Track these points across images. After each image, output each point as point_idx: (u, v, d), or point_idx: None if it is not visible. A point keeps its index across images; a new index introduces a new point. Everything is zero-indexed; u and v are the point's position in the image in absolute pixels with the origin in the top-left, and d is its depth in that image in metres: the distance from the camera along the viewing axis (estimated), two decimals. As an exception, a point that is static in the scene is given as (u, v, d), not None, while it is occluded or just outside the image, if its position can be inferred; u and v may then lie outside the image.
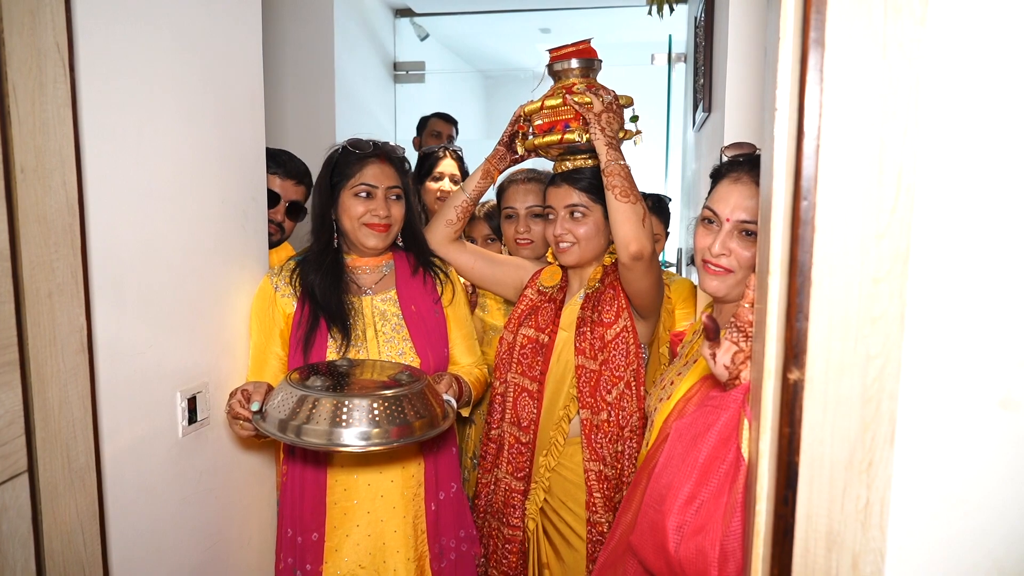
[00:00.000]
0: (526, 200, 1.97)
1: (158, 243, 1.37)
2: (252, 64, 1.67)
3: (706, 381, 1.11)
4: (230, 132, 1.59)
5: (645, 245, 1.53)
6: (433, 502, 1.68)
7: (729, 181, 1.22)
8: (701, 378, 1.15)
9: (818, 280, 0.70)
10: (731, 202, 1.19)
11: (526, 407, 1.70)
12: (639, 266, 1.55)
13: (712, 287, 1.23)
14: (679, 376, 1.22)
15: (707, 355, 0.98)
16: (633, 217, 1.52)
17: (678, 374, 1.24)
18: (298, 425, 1.32)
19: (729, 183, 1.21)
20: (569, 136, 1.63)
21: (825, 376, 0.71)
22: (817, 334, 0.71)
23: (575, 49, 1.74)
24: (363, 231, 1.66)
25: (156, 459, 1.39)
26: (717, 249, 1.19)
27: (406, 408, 1.36)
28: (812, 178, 0.70)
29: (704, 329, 0.97)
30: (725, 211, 1.19)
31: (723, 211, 1.20)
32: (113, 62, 1.23)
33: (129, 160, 1.28)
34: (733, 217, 1.18)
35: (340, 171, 1.66)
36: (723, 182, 1.23)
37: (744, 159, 1.24)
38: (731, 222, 1.19)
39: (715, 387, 1.00)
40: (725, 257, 1.19)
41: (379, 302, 1.69)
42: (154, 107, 1.34)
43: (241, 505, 1.69)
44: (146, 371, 1.35)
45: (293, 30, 3.58)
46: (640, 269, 1.56)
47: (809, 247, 0.70)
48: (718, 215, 1.20)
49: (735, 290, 1.21)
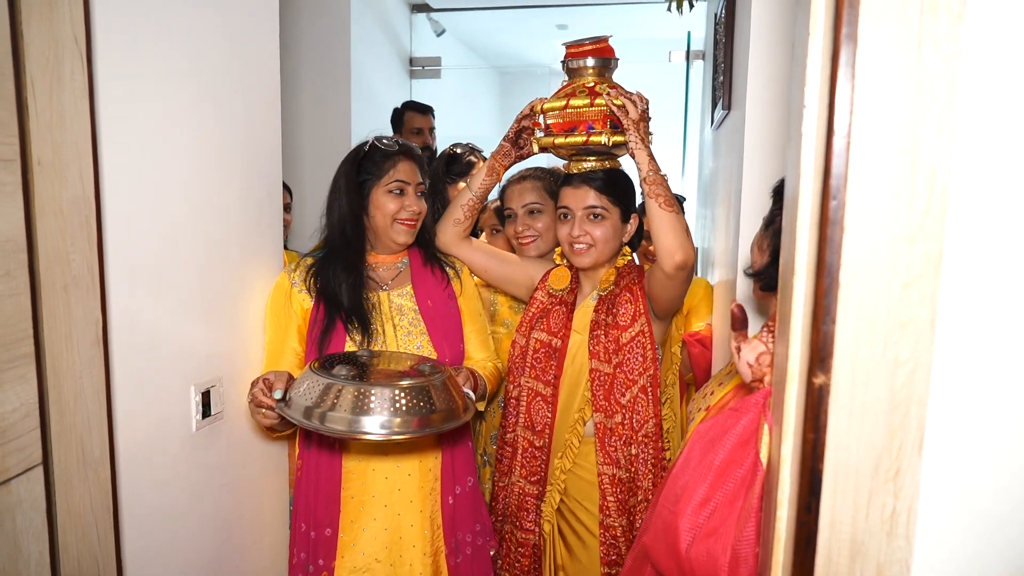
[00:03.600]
0: (523, 199, 1.95)
1: (174, 237, 1.37)
2: (269, 59, 1.66)
3: (741, 388, 1.08)
4: (247, 127, 1.59)
5: (690, 254, 1.52)
6: (450, 496, 1.67)
7: None
8: (737, 385, 1.13)
9: (846, 282, 0.68)
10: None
11: (540, 411, 1.69)
12: (682, 275, 1.54)
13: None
14: (720, 386, 1.19)
15: (732, 347, 0.96)
16: (678, 226, 1.51)
17: (719, 384, 1.21)
18: (323, 412, 1.33)
19: None
20: (595, 139, 1.61)
21: (852, 381, 0.70)
22: (844, 338, 0.69)
23: (593, 47, 1.71)
24: (396, 227, 1.66)
25: (169, 453, 1.39)
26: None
27: (429, 398, 1.36)
28: (842, 177, 0.68)
29: (731, 318, 0.95)
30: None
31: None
32: (130, 55, 1.23)
33: (146, 153, 1.28)
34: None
35: (369, 168, 1.66)
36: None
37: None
38: None
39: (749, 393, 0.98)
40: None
41: (396, 297, 1.69)
42: (171, 101, 1.34)
43: (254, 500, 1.69)
44: (161, 364, 1.35)
45: (309, 25, 3.57)
46: (682, 278, 1.55)
47: (838, 248, 0.68)
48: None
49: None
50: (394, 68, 4.30)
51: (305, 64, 3.59)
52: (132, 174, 1.24)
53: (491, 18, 4.83)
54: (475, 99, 5.69)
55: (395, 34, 4.28)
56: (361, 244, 1.67)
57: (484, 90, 6.06)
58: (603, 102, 1.60)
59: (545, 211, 1.95)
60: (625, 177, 1.73)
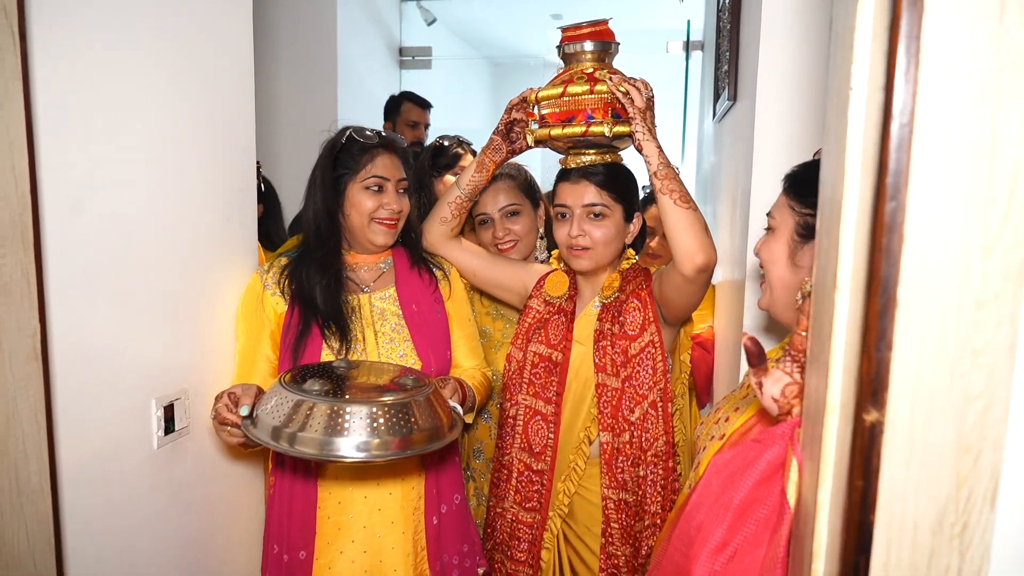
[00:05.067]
0: (497, 201, 1.81)
1: (131, 236, 1.24)
2: (241, 41, 1.53)
3: (764, 416, 0.96)
4: (215, 116, 1.46)
5: (712, 255, 1.38)
6: (435, 516, 1.55)
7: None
8: (758, 411, 1.00)
9: (906, 301, 0.57)
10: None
11: (539, 431, 1.56)
12: (703, 278, 1.39)
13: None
14: (736, 412, 1.06)
15: (753, 384, 0.84)
16: (697, 224, 1.36)
17: (735, 409, 1.07)
18: (293, 432, 1.20)
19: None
20: (596, 129, 1.47)
21: (911, 419, 0.58)
22: (903, 367, 0.57)
23: (591, 30, 1.58)
24: (373, 227, 1.53)
25: (127, 473, 1.27)
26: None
27: (412, 416, 1.24)
28: (902, 174, 0.56)
29: (746, 353, 0.83)
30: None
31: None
32: (75, 32, 1.09)
33: (95, 143, 1.15)
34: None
35: (345, 162, 1.53)
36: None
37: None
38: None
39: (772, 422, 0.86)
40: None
41: (378, 300, 1.56)
42: (127, 85, 1.21)
43: (225, 519, 1.56)
44: (115, 378, 1.22)
45: (294, 13, 3.43)
46: (703, 281, 1.41)
47: (896, 260, 0.56)
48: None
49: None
50: (383, 58, 4.16)
51: (289, 53, 3.44)
52: (78, 166, 1.11)
53: (484, 7, 4.70)
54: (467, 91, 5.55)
55: (384, 23, 4.13)
56: (337, 243, 1.55)
57: (476, 82, 5.91)
58: (604, 88, 1.47)
59: (523, 212, 1.83)
60: (628, 172, 1.60)
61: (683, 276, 1.37)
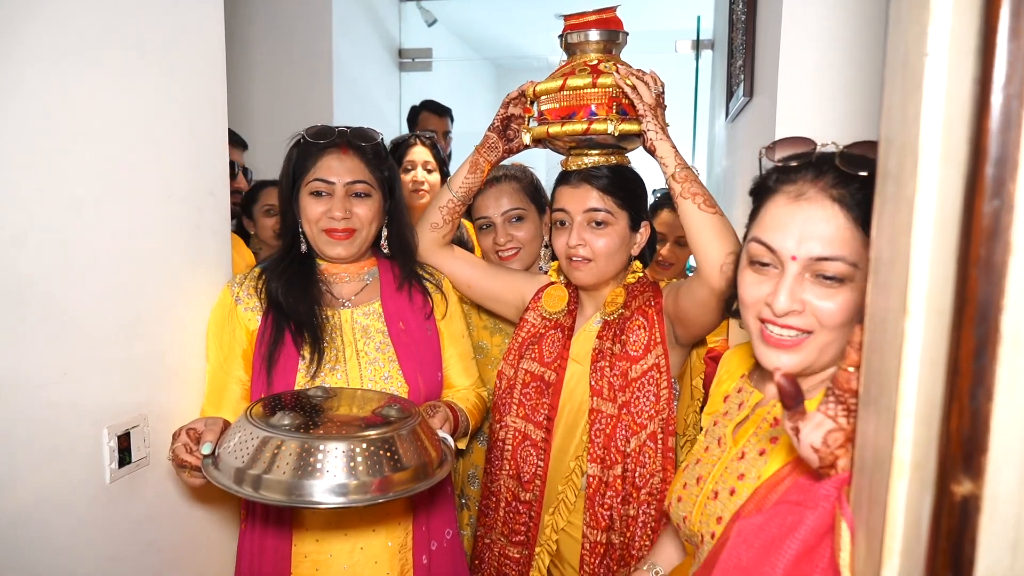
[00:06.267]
0: (500, 204, 1.67)
1: (75, 249, 1.10)
2: (211, 27, 1.40)
3: (800, 465, 0.78)
4: (179, 113, 1.32)
5: None
6: (424, 554, 1.40)
7: (787, 199, 0.84)
8: (793, 460, 0.81)
9: (1013, 334, 0.42)
10: (795, 231, 0.81)
11: (528, 458, 1.40)
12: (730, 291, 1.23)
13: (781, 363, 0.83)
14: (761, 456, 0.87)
15: (788, 429, 0.68)
16: (726, 230, 1.20)
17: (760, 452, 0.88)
18: (257, 475, 1.05)
19: (787, 202, 0.83)
20: (599, 127, 1.32)
21: (1020, 493, 0.43)
22: (1008, 424, 0.43)
23: (597, 18, 1.44)
24: (321, 237, 1.39)
25: (74, 512, 1.13)
26: (783, 303, 0.81)
27: (395, 452, 1.09)
28: (1008, 163, 0.41)
29: (780, 394, 0.67)
30: (787, 245, 0.82)
31: (784, 245, 0.82)
32: (12, 27, 0.96)
33: (30, 143, 1.01)
34: (802, 253, 0.81)
35: (299, 164, 1.39)
36: (776, 200, 0.85)
37: (803, 163, 0.85)
38: (800, 260, 0.81)
39: (812, 475, 0.70)
40: (797, 315, 0.82)
41: (360, 316, 1.41)
42: (75, 75, 1.07)
43: (193, 558, 1.42)
44: (57, 406, 1.08)
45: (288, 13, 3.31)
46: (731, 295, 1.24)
47: (999, 279, 0.42)
48: (777, 252, 0.83)
49: (819, 360, 0.85)
50: (381, 60, 4.03)
51: (283, 56, 3.33)
52: (9, 170, 0.98)
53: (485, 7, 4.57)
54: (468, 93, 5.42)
55: (382, 24, 4.01)
56: (299, 252, 1.42)
57: (478, 84, 5.78)
58: (608, 82, 1.32)
59: (527, 217, 1.68)
60: (635, 176, 1.45)
61: (710, 289, 1.21)
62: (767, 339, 0.85)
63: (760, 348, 0.86)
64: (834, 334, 0.82)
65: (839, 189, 0.81)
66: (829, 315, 0.81)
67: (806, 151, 0.86)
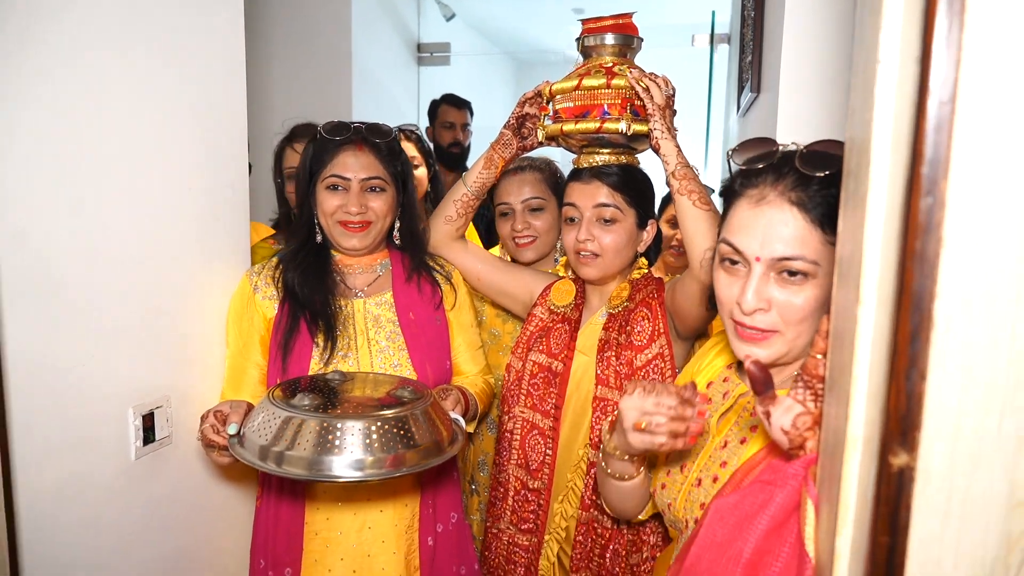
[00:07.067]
0: (521, 192, 1.71)
1: (103, 238, 1.17)
2: (231, 26, 1.45)
3: (774, 451, 0.82)
4: (200, 107, 1.38)
5: None
6: (430, 536, 1.46)
7: (749, 203, 0.88)
8: (767, 444, 0.85)
9: (944, 320, 0.46)
10: (759, 233, 0.85)
11: (536, 447, 1.45)
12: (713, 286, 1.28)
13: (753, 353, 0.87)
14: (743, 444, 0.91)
15: (760, 413, 0.73)
16: (715, 227, 1.24)
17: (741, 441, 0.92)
18: (280, 452, 1.12)
19: (750, 206, 0.87)
20: (611, 126, 1.37)
21: (949, 464, 0.47)
22: (940, 401, 0.47)
23: (613, 23, 1.48)
24: (337, 229, 1.45)
25: (100, 487, 1.20)
26: (750, 301, 0.85)
27: (409, 431, 1.16)
28: (942, 162, 0.45)
29: (750, 380, 0.71)
30: (752, 247, 0.86)
31: (749, 247, 0.86)
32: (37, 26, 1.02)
33: (61, 138, 1.08)
34: (765, 254, 0.85)
35: (316, 159, 1.45)
36: (740, 204, 0.89)
37: (766, 164, 0.88)
38: (763, 261, 0.85)
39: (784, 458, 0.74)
40: (764, 313, 0.86)
41: (372, 306, 1.47)
42: (90, 84, 1.13)
43: (211, 533, 1.49)
44: (86, 386, 1.15)
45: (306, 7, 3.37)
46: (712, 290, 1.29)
47: (932, 270, 0.46)
48: (743, 253, 0.87)
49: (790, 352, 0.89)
50: (400, 54, 4.09)
51: (302, 50, 3.39)
52: (40, 164, 1.04)
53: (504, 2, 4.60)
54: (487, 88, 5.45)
55: (401, 19, 4.06)
56: (310, 240, 1.48)
57: (496, 78, 5.81)
58: (622, 83, 1.37)
59: (547, 208, 1.72)
60: (643, 176, 1.49)
61: (701, 282, 1.26)
62: (740, 334, 0.89)
63: (735, 342, 0.91)
64: (799, 328, 0.86)
65: (798, 192, 0.84)
66: (793, 311, 0.85)
67: (767, 152, 0.89)
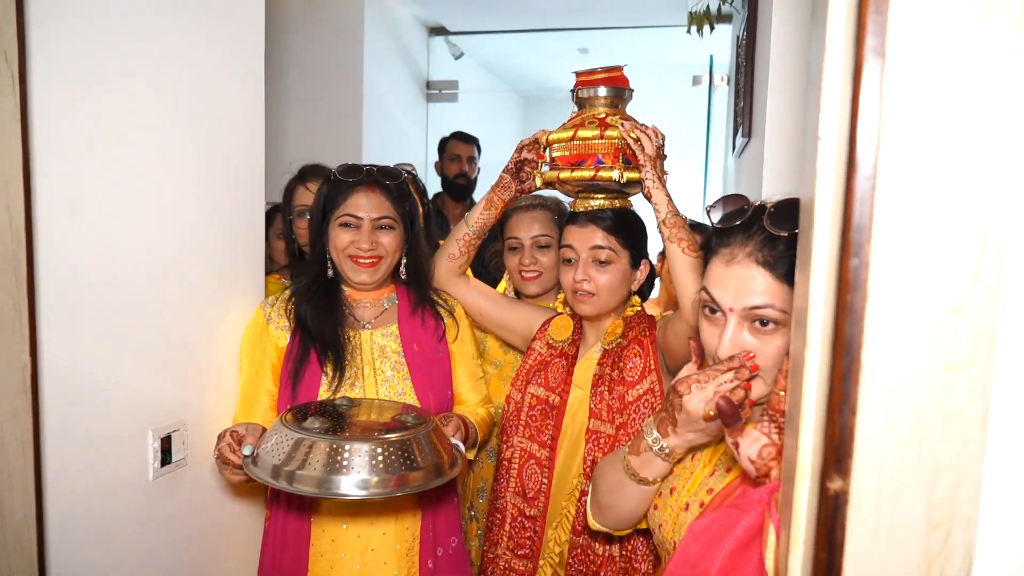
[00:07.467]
0: (531, 229, 1.81)
1: (127, 270, 1.26)
2: (252, 70, 1.56)
3: (747, 479, 0.88)
4: (219, 148, 1.48)
5: None
6: (430, 559, 1.52)
7: (722, 261, 0.94)
8: (741, 473, 0.92)
9: (871, 363, 0.53)
10: (731, 287, 0.92)
11: (533, 476, 1.52)
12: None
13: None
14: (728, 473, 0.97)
15: (729, 444, 0.80)
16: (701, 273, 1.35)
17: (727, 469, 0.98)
18: (292, 471, 1.21)
19: (722, 264, 0.94)
20: (605, 174, 1.46)
21: (877, 490, 0.54)
22: (868, 433, 0.54)
23: (605, 76, 1.58)
24: (348, 264, 1.54)
25: (119, 505, 1.27)
26: (726, 349, 0.91)
27: (412, 453, 1.24)
28: (866, 229, 0.53)
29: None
30: (726, 299, 0.92)
31: (723, 299, 0.92)
32: (75, 71, 1.12)
33: (91, 180, 1.17)
34: (738, 305, 0.92)
35: (330, 199, 1.55)
36: (715, 260, 0.96)
37: (741, 223, 0.94)
38: (736, 312, 0.92)
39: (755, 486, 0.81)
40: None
41: (379, 337, 1.55)
42: (123, 121, 1.23)
43: (221, 551, 1.56)
44: (109, 410, 1.23)
45: (321, 48, 3.51)
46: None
47: (859, 319, 0.53)
48: (719, 304, 0.94)
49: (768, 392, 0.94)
50: (410, 91, 4.23)
51: (316, 87, 3.52)
52: (74, 204, 1.13)
53: (510, 41, 4.75)
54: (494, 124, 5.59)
55: (411, 57, 4.21)
56: (322, 275, 1.56)
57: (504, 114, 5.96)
58: (614, 134, 1.46)
59: (554, 246, 1.82)
60: (637, 218, 1.58)
61: (688, 325, 1.34)
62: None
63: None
64: (773, 372, 0.91)
65: (764, 252, 0.90)
66: (765, 358, 0.91)
67: (738, 210, 0.96)
